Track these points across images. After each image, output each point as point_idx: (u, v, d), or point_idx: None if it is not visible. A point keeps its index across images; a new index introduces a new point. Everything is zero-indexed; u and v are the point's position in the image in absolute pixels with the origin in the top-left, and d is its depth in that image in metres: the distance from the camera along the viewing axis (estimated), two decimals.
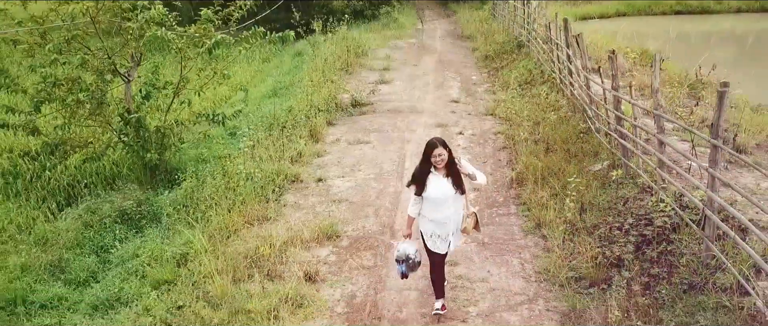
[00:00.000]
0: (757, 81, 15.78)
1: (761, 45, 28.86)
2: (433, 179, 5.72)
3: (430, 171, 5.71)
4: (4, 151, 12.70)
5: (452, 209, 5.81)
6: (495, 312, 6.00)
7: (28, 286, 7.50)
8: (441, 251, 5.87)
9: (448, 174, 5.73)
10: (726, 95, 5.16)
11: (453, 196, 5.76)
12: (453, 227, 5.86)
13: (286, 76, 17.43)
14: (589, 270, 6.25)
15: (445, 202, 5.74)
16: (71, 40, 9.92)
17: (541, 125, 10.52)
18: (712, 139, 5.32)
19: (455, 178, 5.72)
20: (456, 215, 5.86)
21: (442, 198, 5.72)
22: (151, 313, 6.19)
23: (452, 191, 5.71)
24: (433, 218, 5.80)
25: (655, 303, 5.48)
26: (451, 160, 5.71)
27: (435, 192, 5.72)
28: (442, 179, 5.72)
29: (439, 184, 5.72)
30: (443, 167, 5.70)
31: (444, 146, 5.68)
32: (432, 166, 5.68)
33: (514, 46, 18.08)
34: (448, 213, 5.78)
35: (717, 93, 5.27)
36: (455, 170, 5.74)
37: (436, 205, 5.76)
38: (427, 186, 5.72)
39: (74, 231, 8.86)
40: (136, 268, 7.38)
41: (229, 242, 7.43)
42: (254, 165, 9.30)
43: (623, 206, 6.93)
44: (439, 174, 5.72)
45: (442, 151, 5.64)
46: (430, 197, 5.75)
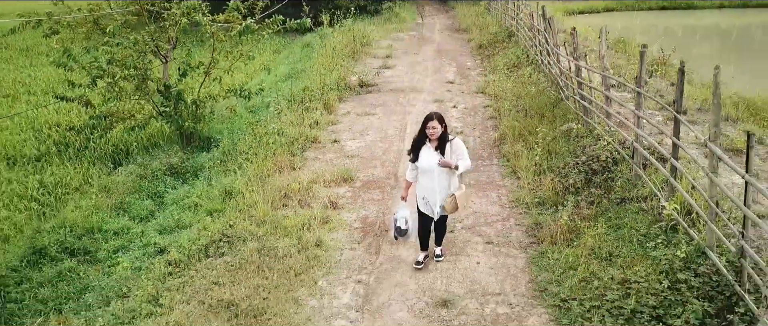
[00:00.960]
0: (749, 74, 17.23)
1: (744, 39, 30.57)
2: (425, 150, 6.35)
3: (425, 142, 6.35)
4: (53, 126, 14.50)
5: (438, 180, 6.34)
6: (476, 226, 7.77)
7: (101, 220, 9.26)
8: (428, 214, 6.54)
9: (439, 147, 6.30)
10: (644, 55, 6.94)
11: (439, 169, 6.32)
12: (440, 198, 6.42)
13: (297, 64, 19.19)
14: (549, 196, 8.04)
15: (433, 172, 6.33)
16: (124, 25, 11.70)
17: (523, 98, 12.29)
18: (637, 88, 7.09)
19: (441, 152, 6.28)
20: (442, 187, 6.38)
21: (428, 167, 6.32)
22: (208, 231, 7.94)
23: (436, 163, 6.26)
24: (424, 184, 6.47)
25: (596, 212, 7.27)
26: (444, 135, 6.27)
27: (424, 161, 6.34)
28: (432, 151, 6.30)
29: (429, 155, 6.31)
30: (436, 140, 6.27)
31: (440, 121, 6.22)
32: (427, 138, 6.33)
33: (505, 36, 19.84)
34: (434, 183, 6.35)
35: (639, 54, 7.04)
36: (443, 145, 6.27)
37: (425, 174, 6.40)
38: (420, 156, 6.39)
39: (131, 182, 10.62)
40: (190, 204, 9.16)
41: (265, 183, 9.19)
42: (282, 125, 11.07)
43: (581, 151, 8.70)
44: (430, 147, 6.31)
45: (436, 124, 6.18)
46: (421, 166, 6.40)
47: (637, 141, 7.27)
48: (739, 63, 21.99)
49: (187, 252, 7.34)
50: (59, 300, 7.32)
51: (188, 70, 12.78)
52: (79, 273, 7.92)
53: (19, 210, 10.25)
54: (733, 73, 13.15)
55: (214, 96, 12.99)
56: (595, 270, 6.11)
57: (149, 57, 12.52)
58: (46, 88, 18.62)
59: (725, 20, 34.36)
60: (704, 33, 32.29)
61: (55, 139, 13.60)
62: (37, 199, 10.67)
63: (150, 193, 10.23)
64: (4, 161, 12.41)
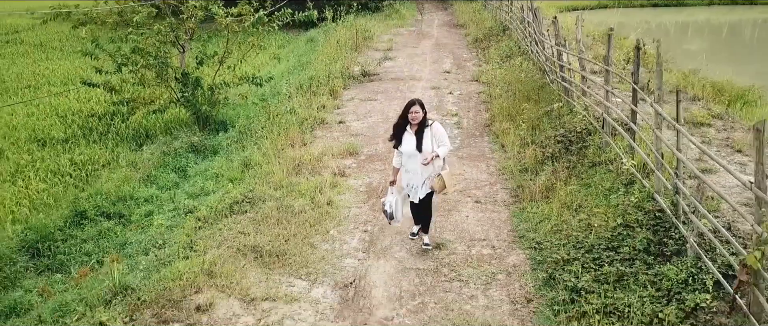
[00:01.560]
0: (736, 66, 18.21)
1: (735, 35, 31.63)
2: (406, 135, 6.54)
3: (406, 128, 6.54)
4: (76, 112, 15.57)
5: (419, 164, 6.53)
6: (466, 190, 8.85)
7: (132, 189, 10.34)
8: (414, 200, 6.81)
9: (418, 132, 6.49)
10: (612, 37, 8.02)
11: (417, 153, 6.48)
12: (423, 180, 6.63)
13: (303, 57, 20.27)
14: (531, 164, 9.12)
15: (416, 156, 6.51)
16: (149, 17, 12.80)
17: (512, 84, 13.36)
18: (605, 66, 8.17)
19: (419, 138, 6.47)
20: (425, 169, 6.56)
21: (409, 152, 6.53)
22: (231, 194, 9.00)
23: (415, 147, 6.49)
24: (408, 169, 6.68)
25: (570, 174, 8.34)
26: (423, 120, 6.45)
27: (406, 146, 6.55)
28: (412, 136, 6.50)
29: (409, 140, 6.51)
30: (416, 124, 6.47)
31: (421, 106, 6.42)
32: (408, 123, 6.51)
33: (500, 30, 20.92)
34: (415, 167, 6.56)
35: (606, 36, 8.12)
36: (422, 131, 6.46)
37: (408, 158, 6.59)
38: (403, 140, 6.57)
39: (156, 158, 11.70)
40: (212, 175, 10.25)
41: (279, 155, 10.27)
42: (293, 105, 12.16)
43: (561, 126, 9.77)
44: (411, 132, 6.50)
45: (418, 109, 6.37)
46: (404, 150, 6.58)
47: (606, 112, 8.35)
48: (730, 57, 23.12)
49: (214, 210, 8.42)
50: (102, 252, 8.41)
51: (204, 59, 13.86)
52: (116, 232, 9.02)
53: (54, 184, 11.33)
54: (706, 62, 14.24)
55: (228, 83, 14.07)
56: (565, 218, 7.20)
57: (168, 47, 13.62)
58: (64, 79, 19.68)
59: (715, 16, 35.41)
60: (696, 28, 33.36)
61: (78, 124, 14.67)
62: (69, 174, 11.74)
63: (174, 167, 11.32)
64: (36, 142, 13.46)
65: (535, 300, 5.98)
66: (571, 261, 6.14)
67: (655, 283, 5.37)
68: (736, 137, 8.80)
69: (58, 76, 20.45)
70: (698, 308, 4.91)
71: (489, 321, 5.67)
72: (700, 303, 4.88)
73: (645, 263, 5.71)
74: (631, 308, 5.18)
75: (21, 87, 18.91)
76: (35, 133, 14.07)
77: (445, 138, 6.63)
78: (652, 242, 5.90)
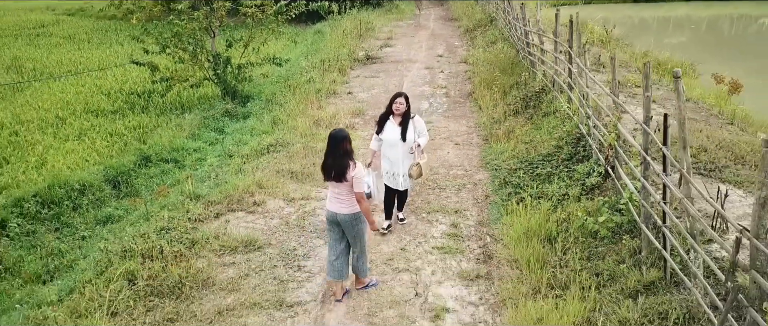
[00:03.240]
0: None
1: (714, 29, 34.09)
2: (389, 124, 7.01)
3: (389, 117, 7.02)
4: (117, 91, 18.09)
5: (401, 153, 6.97)
6: (449, 138, 11.37)
7: (182, 143, 12.85)
8: (393, 187, 7.26)
9: (402, 123, 6.97)
10: (558, 16, 10.53)
11: (401, 143, 6.95)
12: (402, 169, 7.11)
13: (313, 45, 22.80)
14: (500, 117, 11.65)
15: (396, 145, 6.98)
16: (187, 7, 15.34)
17: (492, 63, 15.89)
18: (554, 38, 10.68)
19: (404, 129, 6.95)
20: (405, 159, 7.01)
21: (392, 141, 6.98)
22: (266, 141, 11.51)
23: (399, 137, 6.94)
24: (387, 156, 7.14)
25: (527, 121, 10.87)
26: (407, 112, 6.94)
27: (388, 134, 7.00)
28: (395, 126, 6.97)
29: (392, 129, 6.99)
30: (399, 115, 6.95)
31: (405, 100, 6.93)
32: (391, 113, 7.00)
33: (488, 21, 23.45)
34: (397, 155, 7.01)
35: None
36: (406, 122, 6.95)
37: (389, 146, 7.05)
38: (384, 129, 7.05)
39: (197, 121, 14.23)
40: (247, 131, 12.77)
41: (301, 114, 12.79)
42: (312, 76, 14.71)
43: (525, 89, 12.30)
44: (394, 122, 6.97)
45: (402, 101, 6.89)
46: (384, 138, 7.03)
47: (555, 75, 10.88)
48: (710, 49, 25.61)
49: (254, 151, 10.95)
50: (167, 183, 10.92)
51: (232, 43, 16.37)
52: (175, 172, 11.54)
53: (114, 142, 13.85)
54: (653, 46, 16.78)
55: (252, 63, 16.58)
56: (519, 150, 9.72)
57: (202, 32, 16.14)
58: (99, 64, 22.20)
59: (695, 12, 37.86)
60: (677, 23, 35.81)
61: (123, 100, 17.19)
62: (125, 135, 14.25)
63: (213, 128, 13.84)
64: (91, 113, 15.99)
65: (491, 196, 8.51)
66: (517, 170, 8.70)
67: (570, 176, 7.91)
68: (657, 94, 11.33)
69: (93, 62, 22.95)
70: (593, 187, 7.44)
71: (457, 204, 8.21)
72: (594, 184, 7.41)
73: (566, 166, 8.25)
74: (552, 191, 7.71)
75: (63, 71, 21.44)
76: (87, 106, 16.57)
77: (425, 130, 7.24)
78: (572, 153, 8.45)
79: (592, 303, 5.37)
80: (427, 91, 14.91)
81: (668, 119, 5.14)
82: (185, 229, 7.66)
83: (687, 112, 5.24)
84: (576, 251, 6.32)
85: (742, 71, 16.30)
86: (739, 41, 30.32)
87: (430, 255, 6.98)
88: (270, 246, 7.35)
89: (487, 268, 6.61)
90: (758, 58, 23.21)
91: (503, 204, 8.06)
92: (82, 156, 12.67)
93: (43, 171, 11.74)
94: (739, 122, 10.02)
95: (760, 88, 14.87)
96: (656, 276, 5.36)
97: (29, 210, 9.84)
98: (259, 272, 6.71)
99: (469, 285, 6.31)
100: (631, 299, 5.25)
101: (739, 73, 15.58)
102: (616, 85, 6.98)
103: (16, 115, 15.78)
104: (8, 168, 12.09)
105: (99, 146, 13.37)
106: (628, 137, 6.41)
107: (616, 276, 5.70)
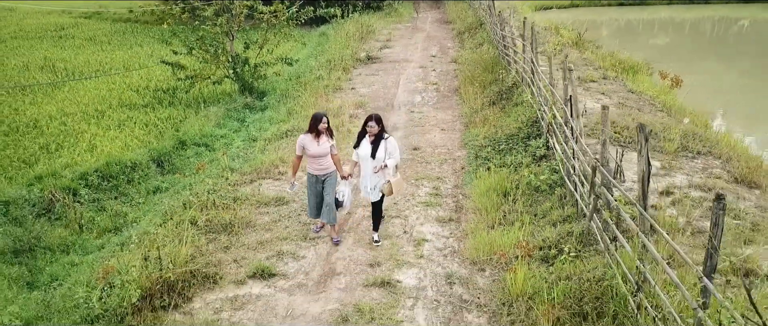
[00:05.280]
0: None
1: (696, 31, 36.28)
2: (364, 141, 7.59)
3: (365, 136, 7.57)
4: (145, 88, 20.34)
5: (370, 168, 7.51)
6: (436, 125, 13.63)
7: (211, 130, 15.11)
8: (367, 197, 7.89)
9: (374, 142, 7.49)
10: (527, 21, 12.77)
11: (371, 159, 7.46)
12: (370, 182, 7.63)
13: (317, 47, 25.08)
14: (478, 108, 13.90)
15: (368, 161, 7.53)
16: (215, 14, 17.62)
17: (478, 62, 18.15)
18: (523, 41, 12.92)
19: (374, 147, 7.47)
20: (373, 175, 7.51)
21: (365, 157, 7.55)
22: (284, 127, 13.76)
23: (369, 154, 7.48)
24: (363, 169, 7.74)
25: (500, 110, 13.13)
26: (380, 133, 7.43)
27: (362, 151, 7.60)
28: (369, 144, 7.55)
29: (366, 147, 7.57)
30: (372, 135, 7.48)
31: (377, 122, 7.41)
32: (366, 133, 7.53)
33: (478, 25, 25.71)
34: (367, 169, 7.57)
35: (524, 23, 12.89)
36: (378, 142, 7.44)
37: (363, 162, 7.64)
38: (360, 145, 7.65)
39: (221, 112, 16.49)
40: (265, 120, 15.03)
41: (312, 106, 15.05)
42: (321, 73, 16.98)
43: (501, 84, 14.57)
44: (368, 140, 7.53)
45: (373, 124, 7.38)
46: (359, 153, 7.63)
47: (523, 71, 13.14)
48: (692, 49, 27.80)
49: (274, 135, 13.20)
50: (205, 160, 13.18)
51: (249, 44, 18.63)
52: (207, 154, 13.80)
53: (150, 131, 16.10)
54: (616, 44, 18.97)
55: (267, 63, 18.84)
56: (490, 132, 11.98)
57: (222, 35, 18.41)
58: (124, 64, 24.46)
59: (677, 14, 40.08)
60: (661, 25, 38.03)
61: (151, 95, 19.44)
62: (158, 125, 16.51)
63: (235, 118, 16.11)
64: (125, 106, 18.25)
65: (466, 167, 10.77)
66: (486, 146, 10.99)
67: (526, 150, 10.18)
68: (608, 88, 13.58)
69: (117, 62, 25.20)
70: (542, 157, 9.70)
71: (439, 174, 10.48)
72: (542, 154, 9.67)
73: (523, 143, 10.52)
74: (511, 161, 9.97)
75: (91, 70, 23.70)
76: (121, 100, 18.83)
77: (397, 152, 7.64)
78: (529, 133, 10.72)
79: (527, 230, 7.62)
80: (420, 87, 17.19)
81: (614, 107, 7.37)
82: (228, 191, 9.93)
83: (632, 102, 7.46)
84: (522, 201, 8.57)
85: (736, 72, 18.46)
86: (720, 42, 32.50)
87: (416, 207, 9.24)
88: (294, 202, 9.60)
89: (457, 215, 8.87)
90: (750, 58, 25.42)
91: (474, 172, 10.31)
92: (124, 141, 14.91)
93: (95, 153, 14.01)
94: (668, 110, 12.25)
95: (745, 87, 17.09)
96: (572, 212, 7.61)
97: (92, 182, 12.11)
98: (287, 218, 8.97)
99: (443, 226, 8.56)
100: (553, 226, 7.50)
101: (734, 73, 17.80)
102: (572, 80, 9.23)
103: (60, 108, 18.02)
104: (65, 152, 14.35)
105: (137, 134, 15.60)
106: (558, 117, 8.67)
107: (546, 214, 7.96)
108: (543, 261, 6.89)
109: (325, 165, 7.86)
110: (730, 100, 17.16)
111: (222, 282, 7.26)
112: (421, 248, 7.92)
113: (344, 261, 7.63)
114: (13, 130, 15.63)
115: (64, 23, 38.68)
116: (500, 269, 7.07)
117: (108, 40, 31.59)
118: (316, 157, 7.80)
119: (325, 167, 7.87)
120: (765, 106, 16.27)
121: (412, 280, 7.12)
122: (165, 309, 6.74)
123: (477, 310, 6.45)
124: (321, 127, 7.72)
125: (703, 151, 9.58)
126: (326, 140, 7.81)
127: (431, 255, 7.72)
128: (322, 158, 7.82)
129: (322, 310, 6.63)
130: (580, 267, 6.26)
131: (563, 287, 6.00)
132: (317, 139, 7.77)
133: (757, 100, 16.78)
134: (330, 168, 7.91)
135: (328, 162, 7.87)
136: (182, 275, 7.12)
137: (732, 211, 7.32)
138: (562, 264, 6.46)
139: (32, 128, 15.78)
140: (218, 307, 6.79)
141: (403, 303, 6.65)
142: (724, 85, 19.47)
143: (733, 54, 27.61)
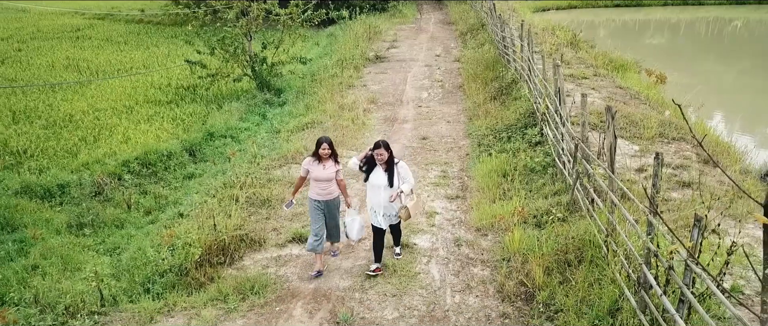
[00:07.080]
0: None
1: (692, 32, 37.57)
2: (376, 170, 7.36)
3: (376, 164, 7.28)
4: (166, 86, 21.70)
5: (384, 195, 7.28)
6: (443, 118, 14.97)
7: (235, 123, 16.46)
8: (376, 225, 7.47)
9: (387, 169, 7.27)
10: (524, 23, 14.13)
11: (385, 187, 7.24)
12: (384, 210, 7.40)
13: (327, 47, 26.45)
14: (481, 102, 15.26)
15: (380, 189, 7.32)
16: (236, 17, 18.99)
17: (480, 61, 19.51)
18: (520, 41, 14.27)
19: (390, 175, 7.25)
20: (388, 202, 7.29)
21: (377, 185, 7.33)
22: (303, 120, 15.11)
23: (385, 182, 7.22)
24: (372, 198, 7.48)
25: (501, 105, 14.49)
26: (390, 159, 7.21)
27: (374, 179, 7.37)
28: (381, 172, 7.30)
29: (378, 175, 7.33)
30: (383, 163, 7.24)
31: (386, 148, 7.17)
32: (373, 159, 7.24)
33: (480, 25, 27.07)
34: (380, 198, 7.35)
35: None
36: (392, 168, 7.24)
37: (374, 190, 7.42)
38: (371, 175, 7.40)
39: (243, 108, 17.85)
40: (286, 113, 16.39)
41: (328, 101, 16.40)
42: (335, 71, 18.36)
43: (501, 81, 15.92)
44: (380, 168, 7.30)
45: (382, 151, 7.14)
46: (370, 182, 7.40)
47: (521, 68, 14.50)
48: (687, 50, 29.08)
49: (296, 127, 14.57)
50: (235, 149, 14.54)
51: (267, 44, 20.00)
52: (234, 144, 15.16)
53: (178, 124, 17.47)
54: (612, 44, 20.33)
55: (283, 62, 20.20)
56: (492, 123, 13.33)
57: (242, 36, 19.78)
58: (144, 63, 25.81)
59: (672, 15, 41.42)
60: (656, 26, 39.36)
61: (173, 93, 20.79)
62: (185, 119, 17.88)
63: (257, 113, 17.47)
64: (151, 102, 19.61)
65: (470, 154, 12.13)
66: (488, 135, 12.36)
67: (524, 138, 11.54)
68: (599, 84, 14.94)
69: (137, 62, 26.53)
70: (537, 143, 11.06)
71: (446, 159, 11.84)
72: (537, 141, 11.03)
73: (521, 131, 11.88)
74: (510, 147, 11.33)
75: (113, 69, 25.07)
76: (147, 97, 20.19)
77: (410, 175, 7.47)
78: (526, 123, 12.08)
79: (522, 201, 8.98)
80: (426, 84, 18.55)
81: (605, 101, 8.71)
82: (261, 174, 11.28)
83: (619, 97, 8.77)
84: (519, 179, 9.94)
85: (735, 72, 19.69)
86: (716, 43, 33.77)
87: (427, 187, 10.59)
88: None
89: (463, 193, 10.23)
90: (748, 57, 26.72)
91: (477, 158, 11.67)
92: (155, 134, 16.28)
93: (130, 144, 15.36)
94: (651, 103, 13.61)
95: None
96: (561, 187, 8.98)
97: (134, 169, 13.48)
98: None
99: (451, 202, 9.92)
100: (545, 198, 8.87)
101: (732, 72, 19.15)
102: (560, 75, 10.56)
103: (91, 104, 19.38)
104: (102, 143, 15.72)
105: (166, 127, 16.97)
106: (550, 107, 10.03)
107: (540, 189, 9.33)
108: (536, 225, 8.26)
109: (329, 190, 7.62)
110: (723, 98, 18.53)
111: (266, 244, 8.63)
112: (433, 219, 9.27)
113: (369, 228, 8.98)
114: (52, 123, 16.99)
115: (79, 24, 40.00)
116: (500, 233, 8.43)
117: (124, 41, 32.88)
118: (319, 181, 7.59)
119: (330, 192, 7.63)
120: (755, 101, 17.64)
121: (426, 244, 8.48)
122: (221, 265, 8.11)
123: (481, 265, 7.81)
124: (321, 153, 7.54)
125: (677, 137, 10.94)
126: (332, 165, 7.62)
127: (442, 225, 9.08)
128: (327, 182, 7.59)
129: (352, 266, 8.00)
130: (566, 228, 7.61)
131: (552, 244, 7.36)
132: (322, 163, 7.60)
133: (750, 97, 18.14)
134: (334, 193, 7.70)
135: (332, 187, 7.66)
136: (233, 239, 8.49)
137: (695, 184, 8.67)
138: (551, 226, 7.82)
139: (68, 122, 17.12)
140: (265, 264, 8.16)
141: (420, 260, 8.01)
142: (723, 83, 20.82)
143: (727, 53, 28.95)
